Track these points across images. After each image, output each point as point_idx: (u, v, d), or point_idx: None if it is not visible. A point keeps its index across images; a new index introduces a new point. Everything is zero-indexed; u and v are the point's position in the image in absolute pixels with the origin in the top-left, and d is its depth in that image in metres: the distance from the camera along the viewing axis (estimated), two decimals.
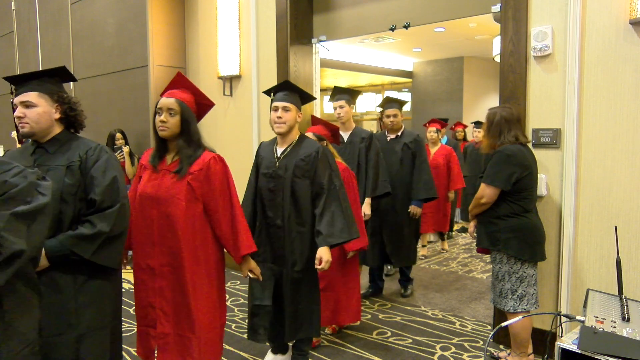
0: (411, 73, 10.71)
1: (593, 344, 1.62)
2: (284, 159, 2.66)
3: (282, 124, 2.61)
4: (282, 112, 2.60)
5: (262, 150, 2.79)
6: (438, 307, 3.92)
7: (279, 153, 2.68)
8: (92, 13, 5.73)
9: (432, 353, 3.07)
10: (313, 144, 2.67)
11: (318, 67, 4.63)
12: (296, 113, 2.65)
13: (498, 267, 2.68)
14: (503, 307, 2.68)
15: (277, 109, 2.61)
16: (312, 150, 2.62)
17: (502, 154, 2.60)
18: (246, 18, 4.62)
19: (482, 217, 2.72)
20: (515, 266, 2.62)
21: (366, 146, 3.70)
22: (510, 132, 2.65)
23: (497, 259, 2.68)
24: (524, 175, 2.58)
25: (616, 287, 2.01)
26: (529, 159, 2.64)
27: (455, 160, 5.40)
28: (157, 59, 5.00)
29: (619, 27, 2.62)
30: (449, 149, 5.48)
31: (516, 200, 2.60)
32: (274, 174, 2.66)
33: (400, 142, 4.05)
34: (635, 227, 2.62)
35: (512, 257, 2.62)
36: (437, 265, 5.17)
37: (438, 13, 3.80)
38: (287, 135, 2.67)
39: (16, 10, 7.49)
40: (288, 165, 2.63)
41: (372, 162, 3.68)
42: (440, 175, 5.20)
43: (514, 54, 2.98)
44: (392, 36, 7.77)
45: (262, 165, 2.73)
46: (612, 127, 2.67)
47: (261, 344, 3.17)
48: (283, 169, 2.64)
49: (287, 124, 2.62)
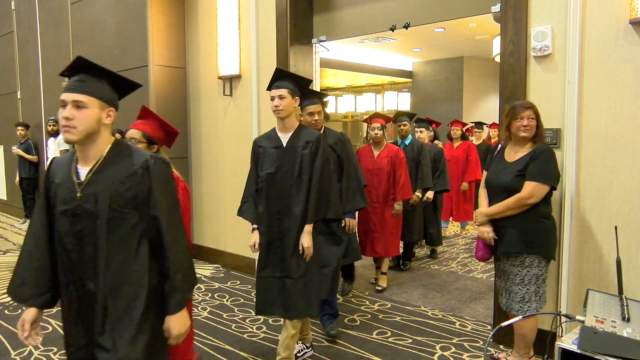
0: (411, 73, 10.72)
1: (593, 344, 1.62)
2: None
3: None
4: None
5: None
6: (438, 307, 3.92)
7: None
8: (92, 13, 5.73)
9: (432, 353, 3.07)
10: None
11: (318, 67, 4.63)
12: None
13: (526, 271, 2.54)
14: (524, 312, 2.56)
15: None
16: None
17: (550, 151, 2.53)
18: (246, 18, 4.62)
19: (514, 220, 2.55)
20: (544, 269, 2.58)
21: (311, 152, 2.70)
22: None
23: (527, 262, 2.53)
24: None
25: (616, 287, 2.01)
26: None
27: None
28: (157, 59, 5.00)
29: (619, 27, 2.62)
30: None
31: (548, 202, 2.58)
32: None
33: None
34: (635, 227, 2.63)
35: (544, 259, 2.56)
36: (437, 265, 5.17)
37: (438, 13, 3.80)
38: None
39: (16, 10, 7.49)
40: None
41: (316, 175, 2.69)
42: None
43: (514, 54, 2.98)
44: (392, 36, 7.78)
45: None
46: (612, 127, 2.67)
47: (261, 345, 3.17)
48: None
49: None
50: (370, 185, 4.16)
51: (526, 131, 2.55)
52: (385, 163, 4.25)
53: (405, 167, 4.30)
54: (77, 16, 6.01)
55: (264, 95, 4.56)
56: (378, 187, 4.22)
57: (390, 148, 4.32)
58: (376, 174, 4.24)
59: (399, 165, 4.24)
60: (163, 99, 5.07)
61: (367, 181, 4.00)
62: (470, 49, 9.09)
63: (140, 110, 2.51)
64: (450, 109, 9.65)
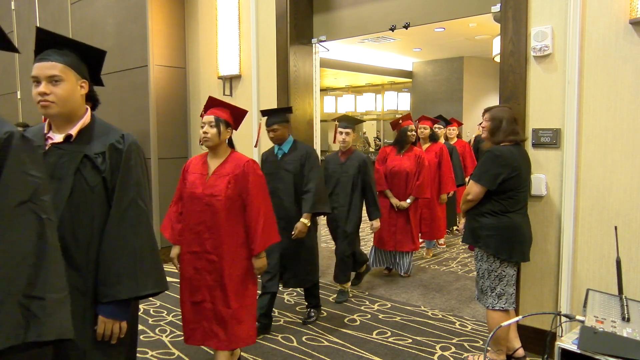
0: (411, 73, 10.71)
1: (593, 344, 1.62)
2: None
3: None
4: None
5: None
6: (438, 307, 3.92)
7: None
8: (92, 13, 5.73)
9: (432, 353, 3.07)
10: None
11: (318, 67, 4.63)
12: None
13: (479, 264, 2.73)
14: (484, 304, 2.73)
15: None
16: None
17: (491, 154, 2.65)
18: (246, 18, 4.62)
19: (468, 213, 2.78)
20: (494, 264, 2.65)
21: None
22: (507, 133, 2.68)
23: (479, 256, 2.73)
24: (512, 176, 2.61)
25: (616, 287, 2.01)
26: (518, 160, 2.65)
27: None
28: (157, 59, 5.00)
29: (619, 27, 2.62)
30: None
31: (500, 200, 2.63)
32: None
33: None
34: (635, 227, 2.62)
35: (492, 255, 2.66)
36: (437, 265, 5.17)
37: (438, 13, 3.80)
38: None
39: (16, 10, 7.49)
40: None
41: None
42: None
43: (514, 54, 2.98)
44: (392, 36, 7.78)
45: None
46: (612, 127, 2.67)
47: (261, 345, 3.17)
48: None
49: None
50: None
51: (483, 133, 2.83)
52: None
53: None
54: (77, 16, 6.00)
55: (264, 95, 4.56)
56: None
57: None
58: None
59: None
60: (163, 99, 5.07)
61: None
62: (470, 49, 9.08)
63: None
64: (450, 109, 9.63)
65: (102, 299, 1.66)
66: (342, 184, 4.00)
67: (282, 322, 3.58)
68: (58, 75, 1.64)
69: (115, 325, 1.68)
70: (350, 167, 4.00)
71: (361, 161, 4.00)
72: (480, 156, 3.35)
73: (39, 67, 1.65)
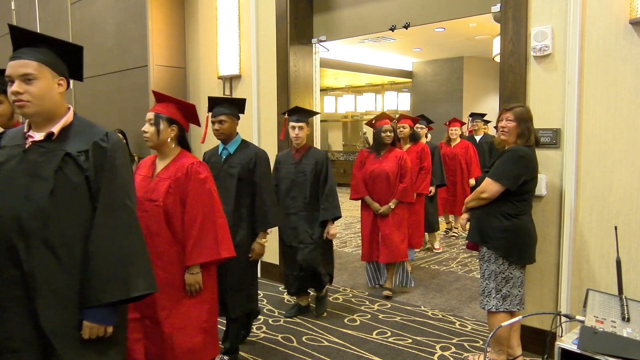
0: (411, 73, 10.72)
1: (593, 344, 1.62)
2: None
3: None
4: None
5: None
6: (438, 307, 3.92)
7: None
8: (92, 13, 5.73)
9: (432, 353, 3.07)
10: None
11: (318, 67, 4.63)
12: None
13: (486, 265, 2.67)
14: (484, 306, 2.68)
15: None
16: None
17: (515, 153, 2.57)
18: (246, 18, 4.62)
19: (478, 212, 2.69)
20: (502, 266, 2.62)
21: None
22: (531, 133, 2.62)
23: (486, 257, 2.67)
24: (531, 179, 2.59)
25: (616, 287, 2.01)
26: (535, 163, 2.63)
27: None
28: (157, 59, 5.00)
29: (619, 27, 2.62)
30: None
31: (515, 202, 2.59)
32: None
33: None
34: (635, 227, 2.62)
35: (501, 257, 2.61)
36: (437, 265, 5.17)
37: (438, 13, 3.80)
38: None
39: (16, 10, 7.48)
40: None
41: None
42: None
43: (514, 54, 2.98)
44: (392, 36, 7.78)
45: None
46: (612, 127, 2.67)
47: (261, 345, 3.17)
48: None
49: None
50: None
51: (503, 133, 2.65)
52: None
53: None
54: (77, 16, 6.00)
55: (264, 96, 4.56)
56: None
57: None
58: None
59: None
60: None
61: None
62: (470, 49, 9.09)
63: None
64: (450, 109, 9.64)
65: (91, 303, 1.60)
66: (299, 186, 3.51)
67: (282, 322, 3.58)
68: (31, 74, 1.59)
69: (100, 329, 1.63)
70: (307, 166, 3.51)
71: (320, 158, 3.53)
72: (493, 155, 3.27)
73: (12, 65, 1.61)
